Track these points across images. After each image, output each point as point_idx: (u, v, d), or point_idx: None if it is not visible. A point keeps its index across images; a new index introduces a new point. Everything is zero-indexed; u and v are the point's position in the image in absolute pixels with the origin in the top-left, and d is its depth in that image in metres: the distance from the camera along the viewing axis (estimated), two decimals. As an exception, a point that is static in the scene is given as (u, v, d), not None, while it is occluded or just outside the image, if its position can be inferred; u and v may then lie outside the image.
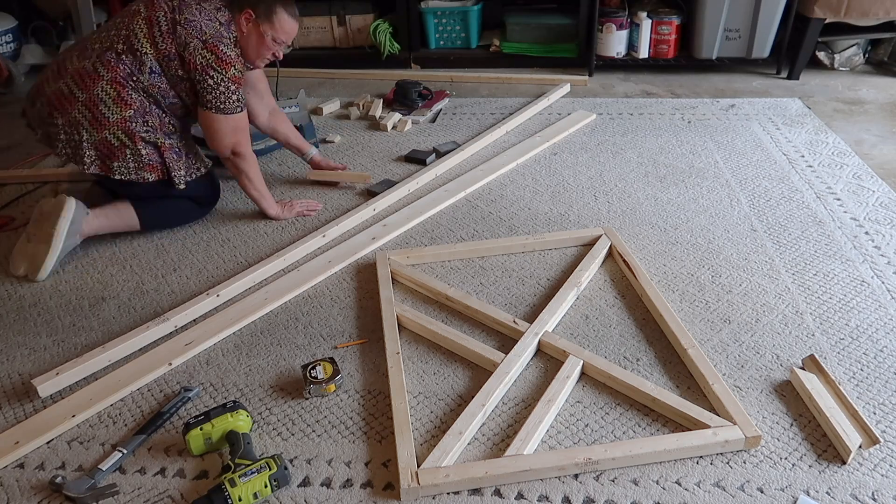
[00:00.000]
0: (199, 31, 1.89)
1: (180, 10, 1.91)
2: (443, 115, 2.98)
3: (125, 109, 1.91)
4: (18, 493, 1.32)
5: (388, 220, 2.16)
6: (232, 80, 1.92)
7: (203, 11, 1.92)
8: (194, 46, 1.88)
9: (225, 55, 1.90)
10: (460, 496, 1.28)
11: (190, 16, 1.90)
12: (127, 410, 1.50)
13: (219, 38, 1.90)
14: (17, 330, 1.76)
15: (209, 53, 1.88)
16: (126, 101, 1.91)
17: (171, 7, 1.91)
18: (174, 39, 1.89)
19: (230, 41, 1.93)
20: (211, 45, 1.89)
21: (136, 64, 1.90)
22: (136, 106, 1.92)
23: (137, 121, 1.93)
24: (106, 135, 1.91)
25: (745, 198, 2.25)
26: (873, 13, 3.14)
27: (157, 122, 1.97)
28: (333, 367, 1.53)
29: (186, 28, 1.89)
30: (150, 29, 1.90)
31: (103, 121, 1.90)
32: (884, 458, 1.32)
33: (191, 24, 1.89)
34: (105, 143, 1.91)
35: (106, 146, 1.92)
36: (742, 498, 1.26)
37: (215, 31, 1.91)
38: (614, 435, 1.39)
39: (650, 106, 3.04)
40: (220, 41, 1.90)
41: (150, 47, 1.90)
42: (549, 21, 3.52)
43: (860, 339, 1.63)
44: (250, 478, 1.25)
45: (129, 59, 1.90)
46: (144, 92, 1.94)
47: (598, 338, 1.66)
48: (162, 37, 1.89)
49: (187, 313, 1.75)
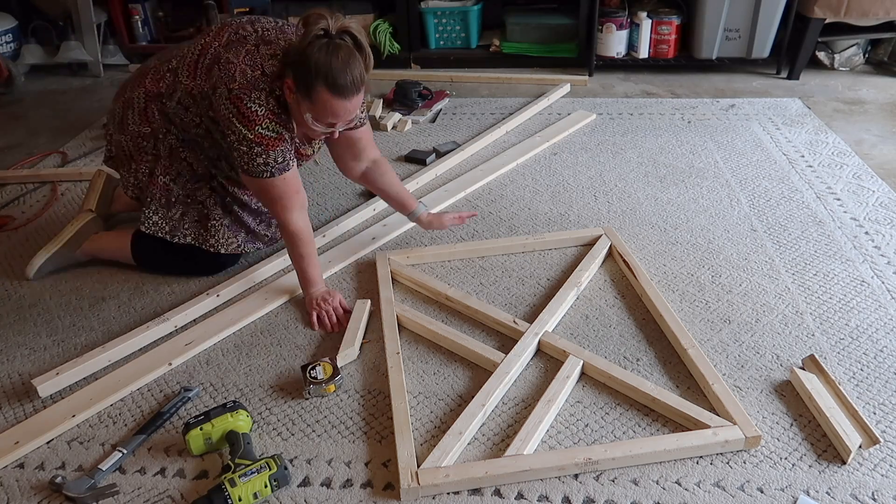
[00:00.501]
0: (230, 77, 1.56)
1: (229, 46, 1.61)
2: (443, 115, 2.98)
3: (144, 125, 1.76)
4: (18, 493, 1.32)
5: (387, 220, 2.16)
6: (257, 141, 1.58)
7: (251, 55, 1.59)
8: (220, 93, 1.58)
9: (249, 110, 1.55)
10: (460, 496, 1.28)
11: (233, 56, 1.58)
12: (127, 410, 1.50)
13: (248, 89, 1.55)
14: (17, 330, 1.76)
15: (232, 105, 1.56)
16: (148, 118, 1.75)
17: (227, 42, 1.63)
18: (209, 78, 1.62)
19: (264, 94, 1.57)
20: (235, 96, 1.55)
21: (171, 87, 1.70)
22: (155, 127, 1.75)
23: (149, 141, 1.78)
24: (122, 139, 1.82)
25: (745, 198, 2.25)
26: (873, 13, 3.14)
27: (168, 151, 1.78)
28: (333, 368, 1.53)
29: (221, 70, 1.58)
30: (198, 58, 1.66)
31: (126, 126, 1.80)
32: (884, 458, 1.32)
33: (228, 66, 1.58)
34: (119, 146, 1.85)
35: (120, 150, 1.85)
36: (742, 498, 1.26)
37: (249, 80, 1.56)
38: (614, 435, 1.39)
39: (650, 106, 3.04)
40: (249, 93, 1.55)
41: (188, 77, 1.66)
42: (549, 21, 3.52)
43: (860, 339, 1.62)
44: (250, 478, 1.25)
45: (170, 79, 1.70)
46: (167, 117, 1.74)
47: (598, 338, 1.66)
48: (202, 71, 1.64)
49: (187, 313, 1.75)
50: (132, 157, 1.82)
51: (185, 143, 1.78)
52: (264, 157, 1.60)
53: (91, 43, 3.61)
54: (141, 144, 1.79)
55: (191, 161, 1.80)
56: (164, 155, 1.78)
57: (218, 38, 1.66)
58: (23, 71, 3.55)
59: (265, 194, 1.69)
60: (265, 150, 1.59)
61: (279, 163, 1.62)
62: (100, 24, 3.63)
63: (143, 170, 1.81)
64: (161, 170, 1.80)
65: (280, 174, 1.63)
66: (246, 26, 1.66)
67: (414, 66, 3.61)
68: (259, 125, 1.57)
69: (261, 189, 1.68)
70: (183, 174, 1.81)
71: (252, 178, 1.65)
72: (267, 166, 1.61)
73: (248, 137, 1.58)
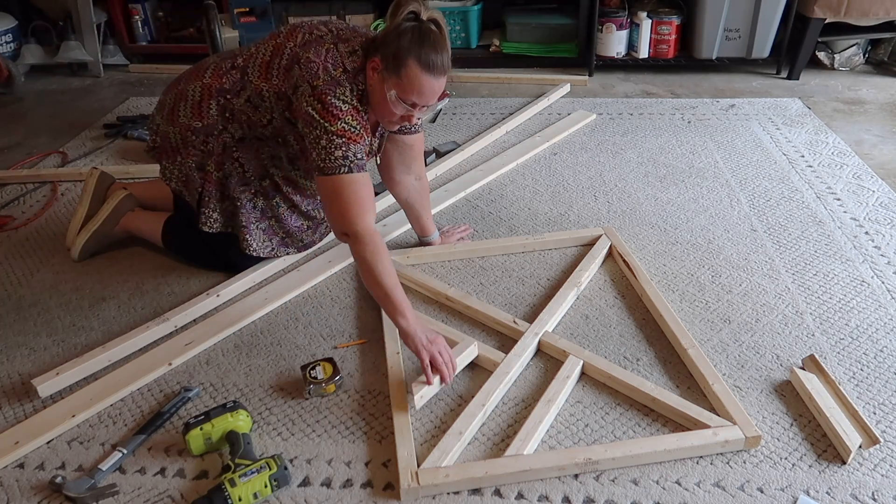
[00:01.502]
0: (314, 75, 1.56)
1: (308, 47, 1.61)
2: (443, 115, 2.98)
3: (195, 119, 1.73)
4: (18, 493, 1.32)
5: (388, 220, 2.16)
6: (339, 134, 1.53)
7: (331, 53, 1.59)
8: (303, 91, 1.57)
9: (333, 105, 1.53)
10: (460, 496, 1.28)
11: (314, 55, 1.58)
12: (127, 410, 1.50)
13: (333, 85, 1.55)
14: (17, 330, 1.76)
15: (316, 101, 1.54)
16: (201, 113, 1.72)
17: (303, 41, 1.63)
18: (288, 78, 1.61)
19: (349, 91, 1.56)
20: (320, 92, 1.54)
21: (237, 84, 1.68)
22: (208, 122, 1.72)
23: (199, 136, 1.74)
24: (169, 131, 1.77)
25: (745, 198, 2.25)
26: (873, 13, 3.14)
27: (220, 149, 1.75)
28: (333, 368, 1.53)
29: (302, 69, 1.58)
30: (272, 58, 1.64)
31: (175, 117, 1.76)
32: (884, 458, 1.32)
33: (310, 65, 1.57)
34: (166, 137, 1.79)
35: (165, 141, 1.80)
36: (742, 498, 1.26)
37: (332, 77, 1.56)
38: (614, 435, 1.39)
39: (650, 106, 3.04)
40: (333, 89, 1.54)
41: (260, 78, 1.64)
42: (549, 21, 3.52)
43: (860, 339, 1.62)
44: (250, 478, 1.25)
45: (237, 76, 1.68)
46: (229, 114, 1.70)
47: (598, 338, 1.66)
48: (278, 71, 1.62)
49: (187, 313, 1.75)
50: (178, 150, 1.78)
51: (241, 141, 1.75)
52: (344, 149, 1.54)
53: (91, 43, 3.60)
54: (189, 138, 1.75)
55: (243, 161, 1.77)
56: (217, 152, 1.76)
57: (291, 38, 1.64)
58: (23, 71, 3.55)
59: (338, 196, 1.56)
60: (346, 142, 1.54)
61: (358, 159, 1.56)
62: (100, 24, 3.63)
63: (191, 164, 1.78)
64: (214, 165, 1.77)
65: (357, 171, 1.56)
66: (320, 27, 1.67)
67: (414, 66, 3.60)
68: (342, 120, 1.54)
69: (335, 189, 1.56)
70: (233, 175, 1.79)
71: (327, 176, 1.55)
72: (346, 160, 1.54)
73: (329, 130, 1.53)
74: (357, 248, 1.53)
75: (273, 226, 1.89)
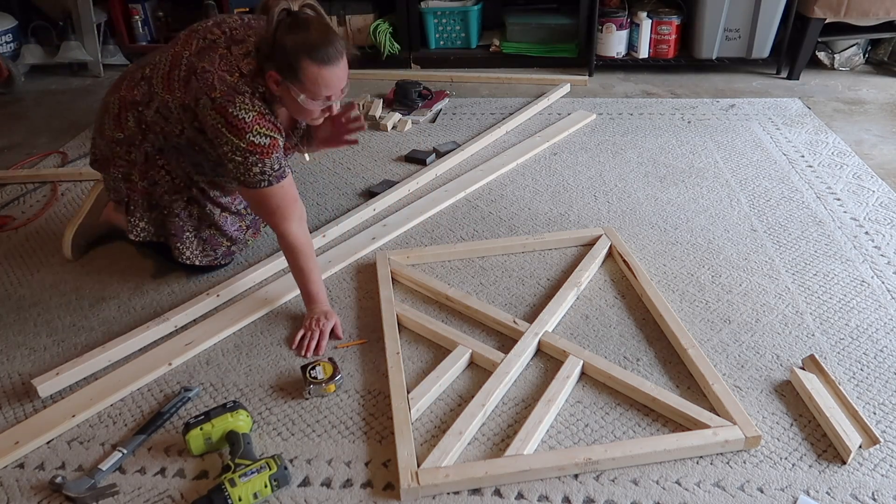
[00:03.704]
0: (210, 87, 1.52)
1: (202, 55, 1.57)
2: (443, 115, 2.98)
3: (117, 131, 1.71)
4: (18, 493, 1.32)
5: (388, 220, 2.16)
6: (250, 150, 1.53)
7: (225, 59, 1.55)
8: (204, 104, 1.54)
9: (236, 119, 1.51)
10: (460, 496, 1.28)
11: (208, 64, 1.55)
12: (127, 410, 1.50)
13: (231, 95, 1.51)
14: (17, 330, 1.76)
15: (218, 115, 1.52)
16: (121, 125, 1.70)
17: (198, 49, 1.59)
18: (188, 91, 1.57)
19: (249, 98, 1.53)
20: (219, 105, 1.51)
21: (146, 96, 1.65)
22: (128, 134, 1.70)
23: (122, 147, 1.73)
24: (100, 143, 1.78)
25: (745, 198, 2.25)
26: (873, 13, 3.14)
27: (142, 158, 1.73)
28: (333, 367, 1.53)
29: (199, 80, 1.54)
30: (170, 70, 1.61)
31: (101, 130, 1.77)
32: (884, 458, 1.32)
33: (205, 75, 1.53)
34: (98, 149, 1.80)
35: (99, 152, 1.80)
36: (742, 498, 1.26)
37: (230, 85, 1.52)
38: (614, 435, 1.39)
39: (650, 106, 3.04)
40: (232, 99, 1.51)
41: (164, 90, 1.61)
42: (549, 21, 3.52)
43: (860, 339, 1.63)
44: (250, 478, 1.25)
45: (145, 88, 1.65)
46: (145, 125, 1.68)
47: (598, 338, 1.66)
48: (179, 83, 1.59)
49: (187, 313, 1.75)
50: (109, 161, 1.78)
51: (162, 151, 1.73)
52: (260, 166, 1.56)
53: (91, 43, 3.61)
54: (115, 150, 1.74)
55: (168, 170, 1.76)
56: (140, 161, 1.74)
57: (187, 46, 1.61)
58: (23, 71, 3.55)
59: (263, 206, 1.63)
60: (260, 158, 1.55)
61: (276, 170, 1.58)
62: (100, 24, 3.63)
63: (118, 174, 1.77)
64: (138, 175, 1.76)
65: (277, 182, 1.59)
66: (213, 29, 1.63)
67: (414, 66, 3.61)
68: (249, 132, 1.52)
69: (259, 200, 1.62)
70: (160, 183, 1.77)
71: (249, 188, 1.60)
72: (264, 175, 1.57)
73: (240, 147, 1.53)
74: (284, 248, 1.68)
75: (214, 234, 1.88)
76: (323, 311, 1.68)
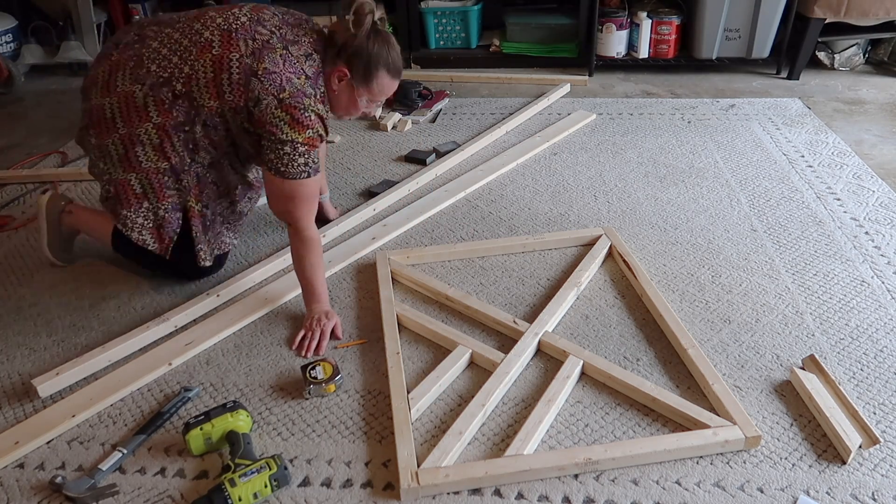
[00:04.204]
0: (278, 87, 1.55)
1: (260, 56, 1.57)
2: (443, 115, 2.98)
3: (162, 161, 1.65)
4: (18, 493, 1.32)
5: (388, 220, 2.16)
6: (304, 143, 1.58)
7: (288, 59, 1.59)
8: (268, 104, 1.55)
9: (304, 117, 1.56)
10: (460, 496, 1.28)
11: (271, 65, 1.56)
12: (127, 410, 1.50)
13: (300, 96, 1.56)
14: (17, 330, 1.76)
15: (285, 114, 1.55)
16: (166, 153, 1.64)
17: (250, 50, 1.57)
18: (245, 92, 1.56)
19: (314, 99, 1.59)
20: (288, 105, 1.55)
21: (190, 113, 1.61)
22: (175, 161, 1.66)
23: (170, 176, 1.67)
24: (131, 178, 1.67)
25: (745, 198, 2.25)
26: (873, 13, 3.14)
27: (195, 181, 1.71)
28: (333, 368, 1.53)
29: (263, 82, 1.55)
30: (216, 74, 1.57)
31: (135, 163, 1.66)
32: (884, 458, 1.32)
33: (271, 76, 1.55)
34: (126, 185, 1.68)
35: (126, 189, 1.69)
36: (742, 498, 1.26)
37: (297, 87, 1.57)
38: (614, 435, 1.39)
39: (650, 106, 3.04)
40: (301, 101, 1.56)
41: (211, 98, 1.59)
42: (549, 21, 3.52)
43: (860, 339, 1.62)
44: (250, 478, 1.25)
45: (185, 105, 1.60)
46: (193, 145, 1.66)
47: (598, 338, 1.66)
48: (231, 87, 1.57)
49: (187, 313, 1.75)
50: (145, 196, 1.69)
51: (211, 166, 1.73)
52: (306, 157, 1.60)
53: (91, 43, 3.60)
54: (162, 181, 1.68)
55: (216, 181, 1.77)
56: (192, 185, 1.71)
57: (233, 48, 1.58)
58: (23, 71, 3.55)
59: (294, 197, 1.63)
60: (309, 150, 1.60)
61: (315, 163, 1.63)
62: (100, 24, 3.63)
63: (167, 206, 1.70)
64: (194, 199, 1.73)
65: (315, 174, 1.64)
66: (260, 29, 1.62)
67: (414, 66, 3.61)
68: (310, 129, 1.58)
69: (292, 192, 1.62)
70: (212, 196, 1.78)
71: (286, 179, 1.60)
72: (307, 167, 1.61)
73: (297, 141, 1.57)
74: (297, 242, 1.68)
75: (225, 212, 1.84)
76: (324, 311, 1.69)
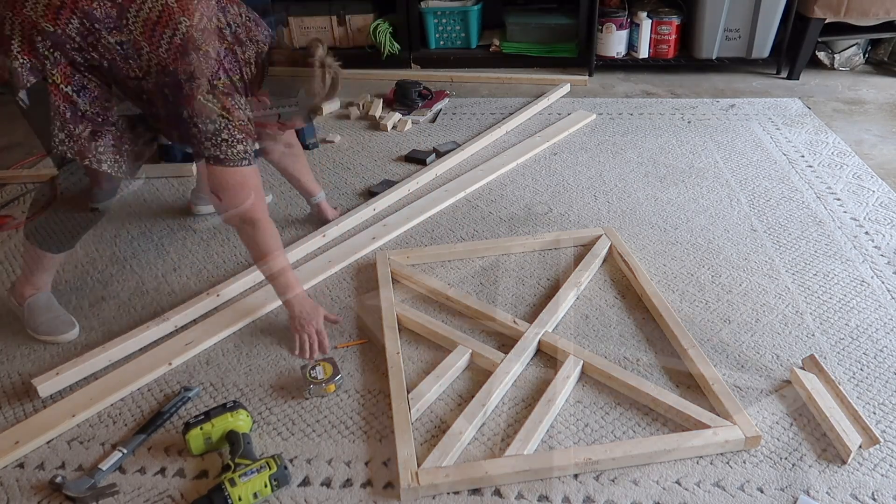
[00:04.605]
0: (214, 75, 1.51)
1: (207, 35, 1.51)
2: (443, 115, 2.98)
3: (46, 21, 1.41)
4: (18, 493, 1.32)
5: (388, 220, 2.16)
6: (239, 128, 1.53)
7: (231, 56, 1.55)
8: (199, 85, 1.49)
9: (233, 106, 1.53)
10: (460, 496, 1.28)
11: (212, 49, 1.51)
12: (127, 410, 1.50)
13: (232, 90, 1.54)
14: (16, 330, 1.76)
15: (216, 100, 1.50)
16: (57, 18, 1.41)
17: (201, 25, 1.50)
18: (180, 59, 1.47)
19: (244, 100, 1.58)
20: (221, 93, 1.51)
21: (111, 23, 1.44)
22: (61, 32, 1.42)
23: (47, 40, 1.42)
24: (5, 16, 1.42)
25: (745, 198, 2.25)
26: (873, 13, 3.14)
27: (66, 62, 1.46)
28: (333, 368, 1.53)
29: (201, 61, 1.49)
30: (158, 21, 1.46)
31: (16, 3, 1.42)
32: (884, 458, 1.32)
33: (209, 60, 1.50)
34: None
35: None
36: (742, 498, 1.26)
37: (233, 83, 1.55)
38: (614, 435, 1.39)
39: (650, 106, 3.04)
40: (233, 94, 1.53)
41: (143, 37, 1.45)
42: (549, 21, 3.52)
43: (860, 339, 1.62)
44: (250, 478, 1.25)
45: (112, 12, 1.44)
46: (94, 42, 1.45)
47: (598, 338, 1.66)
48: (168, 45, 1.47)
49: (187, 313, 1.75)
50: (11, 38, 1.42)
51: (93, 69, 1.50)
52: (244, 144, 1.55)
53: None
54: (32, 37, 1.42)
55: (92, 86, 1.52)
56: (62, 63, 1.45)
57: (186, 12, 1.48)
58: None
59: (240, 187, 1.57)
60: (245, 137, 1.55)
61: (251, 154, 1.58)
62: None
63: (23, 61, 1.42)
64: (61, 76, 1.46)
65: (254, 163, 1.59)
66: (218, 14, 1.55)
67: (414, 66, 3.61)
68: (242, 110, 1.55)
69: (239, 181, 1.57)
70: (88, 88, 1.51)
71: (228, 168, 1.54)
72: (246, 154, 1.56)
73: (231, 124, 1.52)
74: (256, 233, 1.61)
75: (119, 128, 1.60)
76: (305, 308, 1.66)
